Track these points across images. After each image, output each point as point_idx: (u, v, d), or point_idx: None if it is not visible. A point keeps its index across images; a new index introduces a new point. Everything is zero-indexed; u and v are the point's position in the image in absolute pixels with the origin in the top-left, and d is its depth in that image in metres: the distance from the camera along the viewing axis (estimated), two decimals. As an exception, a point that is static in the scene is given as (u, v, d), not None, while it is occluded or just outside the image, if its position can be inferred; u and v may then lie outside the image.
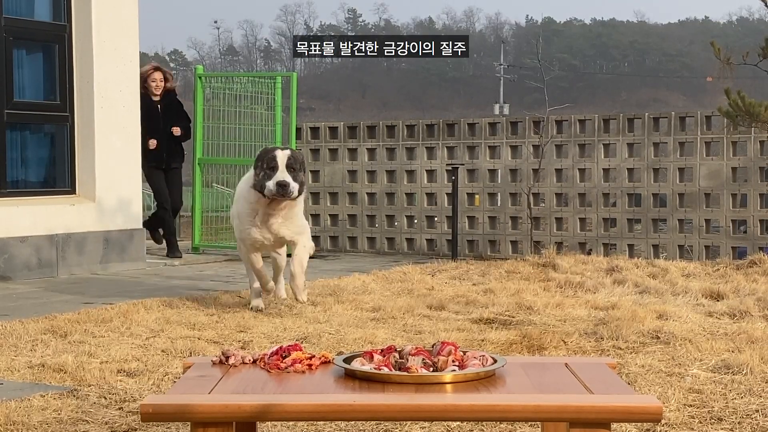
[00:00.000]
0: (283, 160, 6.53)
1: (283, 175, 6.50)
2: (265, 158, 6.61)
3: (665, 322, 6.71)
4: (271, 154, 6.59)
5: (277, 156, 6.55)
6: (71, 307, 7.49)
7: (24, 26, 10.36)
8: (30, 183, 10.65)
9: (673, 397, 4.58)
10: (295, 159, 6.60)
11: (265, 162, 6.57)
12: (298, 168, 6.58)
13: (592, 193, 12.74)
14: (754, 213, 11.90)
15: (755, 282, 8.79)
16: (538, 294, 8.21)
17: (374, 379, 2.83)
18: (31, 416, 4.22)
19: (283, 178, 6.49)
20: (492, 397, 2.71)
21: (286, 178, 6.49)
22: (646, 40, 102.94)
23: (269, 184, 6.51)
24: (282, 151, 6.64)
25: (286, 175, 6.51)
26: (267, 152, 6.68)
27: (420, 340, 6.12)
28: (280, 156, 6.55)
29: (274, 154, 6.58)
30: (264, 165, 6.58)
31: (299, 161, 6.63)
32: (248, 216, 6.83)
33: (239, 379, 2.91)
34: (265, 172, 6.55)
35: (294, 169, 6.55)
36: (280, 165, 6.51)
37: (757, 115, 9.94)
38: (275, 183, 6.48)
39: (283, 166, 6.51)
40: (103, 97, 10.59)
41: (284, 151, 6.64)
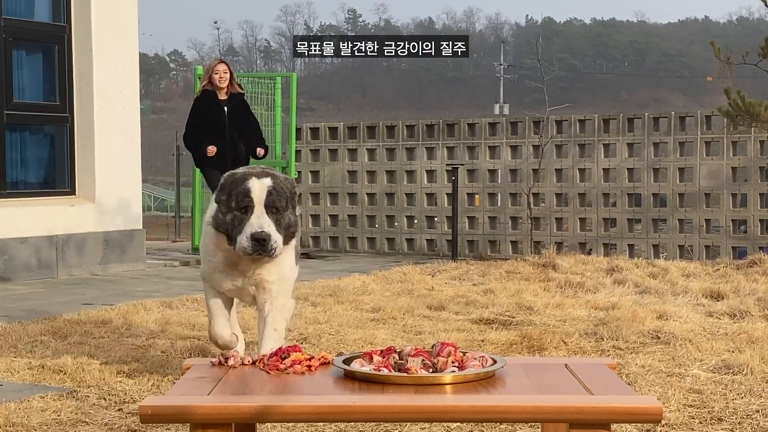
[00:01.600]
0: (261, 196, 4.30)
1: (261, 221, 4.29)
2: (233, 192, 4.36)
3: (665, 322, 6.71)
4: (242, 187, 4.33)
5: (252, 189, 4.31)
6: (71, 309, 7.49)
7: (23, 27, 10.35)
8: (30, 184, 10.65)
9: (674, 397, 4.57)
10: (279, 192, 4.34)
11: (234, 198, 4.34)
12: (283, 205, 4.38)
13: (592, 193, 12.74)
14: (754, 213, 11.90)
15: (755, 282, 8.78)
16: (538, 294, 8.20)
17: (374, 380, 2.82)
18: (30, 417, 4.21)
19: (260, 228, 4.27)
20: (492, 398, 2.70)
21: (265, 228, 4.27)
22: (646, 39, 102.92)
23: (240, 238, 4.29)
24: (259, 179, 4.34)
25: (266, 221, 4.30)
26: (236, 182, 4.38)
27: (420, 340, 6.11)
28: (255, 189, 4.31)
29: (247, 186, 4.32)
30: (232, 202, 4.35)
31: (286, 193, 4.40)
32: (213, 256, 4.67)
33: (239, 380, 2.90)
34: (234, 215, 4.34)
35: (277, 208, 4.34)
36: (257, 203, 4.30)
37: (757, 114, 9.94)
38: (249, 237, 4.27)
39: (260, 206, 4.31)
40: (103, 98, 10.59)
41: (262, 179, 4.34)
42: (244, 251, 4.34)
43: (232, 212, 4.37)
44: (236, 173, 4.51)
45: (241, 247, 4.32)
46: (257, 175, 4.41)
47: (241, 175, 4.46)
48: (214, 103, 9.72)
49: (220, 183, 4.48)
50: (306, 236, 14.13)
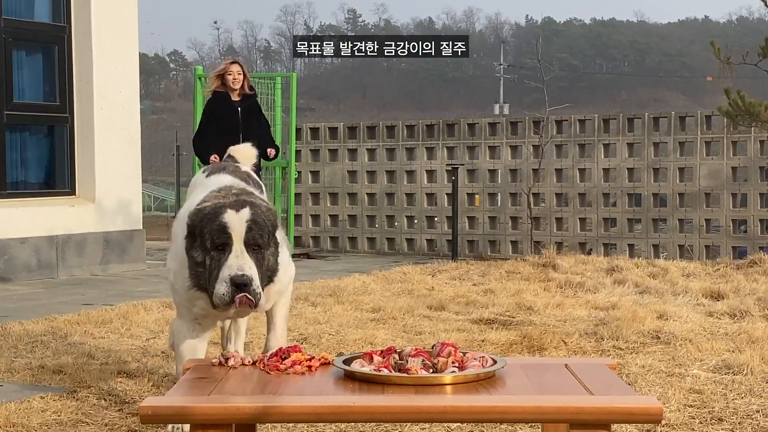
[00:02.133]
0: (240, 231, 3.62)
1: (242, 263, 3.58)
2: (205, 229, 3.66)
3: (665, 322, 6.71)
4: (216, 222, 3.64)
5: (229, 224, 3.63)
6: (71, 309, 7.48)
7: (23, 27, 10.35)
8: (30, 184, 10.65)
9: (674, 397, 4.57)
10: (260, 225, 3.68)
11: (208, 235, 3.64)
12: (265, 241, 3.69)
13: (592, 193, 12.73)
14: (754, 212, 11.89)
15: (755, 282, 8.78)
16: (538, 294, 8.20)
17: (374, 381, 2.82)
18: (30, 418, 4.21)
19: (240, 271, 3.56)
20: (492, 399, 2.71)
21: (246, 272, 3.55)
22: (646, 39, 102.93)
23: (218, 286, 3.56)
24: (236, 212, 3.67)
25: (247, 263, 3.59)
26: (207, 217, 3.68)
27: (420, 340, 6.11)
28: (234, 224, 3.63)
29: (223, 220, 3.64)
30: (206, 241, 3.65)
31: (267, 227, 3.72)
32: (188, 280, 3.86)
33: (239, 380, 2.91)
34: (210, 255, 3.64)
35: (259, 245, 3.66)
36: (235, 241, 3.61)
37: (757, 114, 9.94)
38: (228, 285, 3.54)
39: (239, 244, 3.61)
40: (103, 98, 10.59)
41: (240, 211, 3.67)
42: (221, 300, 3.54)
43: (206, 250, 3.64)
44: (205, 206, 3.72)
45: (218, 296, 3.54)
46: (233, 206, 3.68)
47: (213, 207, 3.69)
48: (228, 104, 9.46)
49: (188, 224, 3.72)
50: (306, 236, 14.14)
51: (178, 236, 4.01)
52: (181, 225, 3.93)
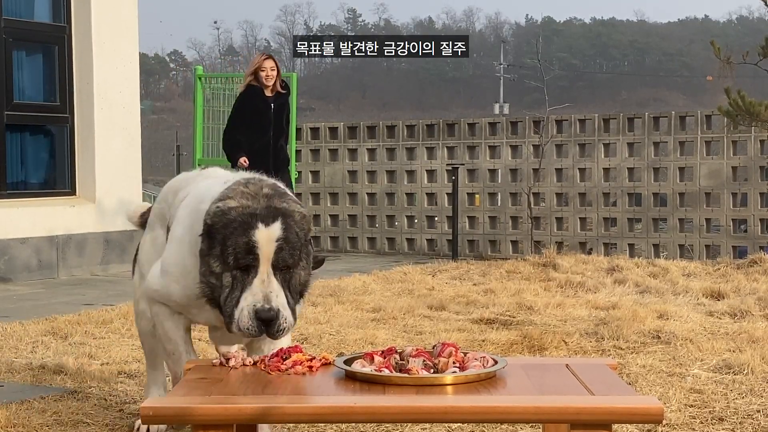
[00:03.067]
0: (269, 251, 3.13)
1: (268, 290, 3.12)
2: (229, 241, 3.15)
3: (666, 321, 6.71)
4: (243, 238, 3.13)
5: (258, 244, 3.12)
6: (71, 309, 7.48)
7: (24, 27, 10.35)
8: (30, 184, 10.65)
9: (674, 397, 4.57)
10: (292, 243, 3.19)
11: (232, 250, 3.15)
12: (297, 257, 3.21)
13: (592, 192, 12.73)
14: (754, 212, 11.89)
15: (756, 281, 8.78)
16: (538, 294, 8.20)
17: (375, 381, 2.82)
18: (31, 418, 4.21)
19: (267, 304, 3.11)
20: (493, 399, 2.71)
21: (273, 302, 3.11)
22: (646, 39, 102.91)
23: (239, 313, 3.11)
24: (267, 226, 3.15)
25: (274, 290, 3.13)
26: (232, 226, 3.16)
27: (421, 340, 6.11)
28: (262, 242, 3.13)
29: (252, 238, 3.13)
30: (229, 257, 3.15)
31: (300, 241, 3.24)
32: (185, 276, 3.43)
33: (240, 381, 2.90)
34: (232, 273, 3.16)
35: (288, 266, 3.18)
36: (262, 263, 3.13)
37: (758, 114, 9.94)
38: (253, 319, 3.10)
39: (267, 266, 3.13)
40: (103, 99, 10.59)
41: (271, 225, 3.15)
42: (245, 332, 3.12)
43: (227, 268, 3.14)
44: (231, 208, 3.16)
45: (241, 326, 3.10)
46: (264, 218, 3.12)
47: (240, 215, 3.14)
48: (261, 99, 9.16)
49: (207, 223, 3.19)
50: (306, 236, 14.13)
51: (178, 230, 3.51)
52: (191, 218, 3.40)
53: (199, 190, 3.56)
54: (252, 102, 9.14)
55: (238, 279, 3.13)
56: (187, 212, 3.51)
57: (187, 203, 3.57)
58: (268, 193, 3.25)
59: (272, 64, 9.26)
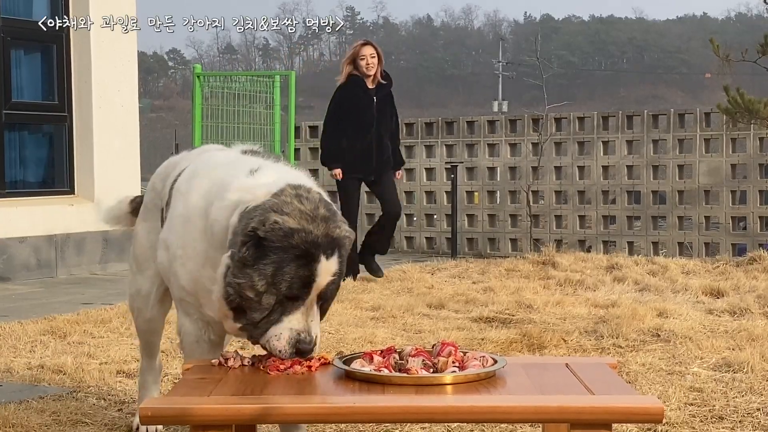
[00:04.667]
0: (320, 285, 3.01)
1: (311, 323, 3.03)
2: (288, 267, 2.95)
3: (665, 320, 6.70)
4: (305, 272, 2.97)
5: (317, 278, 2.99)
6: (70, 308, 7.48)
7: (22, 26, 10.34)
8: (29, 184, 10.64)
9: (674, 395, 4.56)
10: (341, 274, 3.09)
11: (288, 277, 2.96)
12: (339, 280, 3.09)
13: (591, 190, 12.73)
14: (753, 210, 11.89)
15: (755, 279, 8.78)
16: (537, 292, 8.19)
17: (374, 381, 2.82)
18: (30, 418, 4.20)
19: (309, 335, 3.02)
20: (493, 399, 2.70)
21: (312, 333, 3.03)
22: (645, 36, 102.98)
23: (274, 340, 2.99)
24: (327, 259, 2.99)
25: (315, 321, 3.06)
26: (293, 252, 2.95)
27: (420, 339, 6.11)
28: (321, 276, 2.99)
29: (312, 274, 2.97)
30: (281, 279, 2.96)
31: (345, 265, 3.13)
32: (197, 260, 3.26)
33: (238, 381, 2.90)
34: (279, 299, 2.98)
35: (332, 296, 3.13)
36: (312, 293, 3.01)
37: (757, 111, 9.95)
38: (290, 342, 3.00)
39: (314, 298, 3.03)
40: (102, 97, 10.58)
41: (330, 259, 3.00)
42: (275, 353, 3.00)
43: (271, 290, 2.95)
44: (292, 232, 2.93)
45: (272, 348, 3.00)
46: (324, 251, 2.97)
47: (304, 243, 2.95)
48: (363, 91, 8.28)
49: (258, 234, 2.94)
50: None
51: (180, 208, 3.33)
52: (205, 200, 3.22)
53: (216, 173, 3.31)
54: (353, 96, 8.25)
55: (282, 303, 2.99)
56: (199, 193, 3.29)
57: (198, 182, 3.34)
58: (325, 215, 3.03)
59: (372, 51, 8.34)
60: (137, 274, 3.96)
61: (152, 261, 3.80)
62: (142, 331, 4.09)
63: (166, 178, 3.77)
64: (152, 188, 3.92)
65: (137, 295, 3.98)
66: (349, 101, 8.30)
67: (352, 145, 8.46)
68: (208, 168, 3.40)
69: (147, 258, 3.88)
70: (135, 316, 4.08)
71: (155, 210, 3.87)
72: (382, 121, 8.43)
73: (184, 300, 3.36)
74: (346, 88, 8.31)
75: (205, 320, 3.33)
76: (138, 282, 3.96)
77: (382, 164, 8.68)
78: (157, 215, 3.84)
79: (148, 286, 3.92)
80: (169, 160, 3.95)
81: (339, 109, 8.40)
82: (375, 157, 8.51)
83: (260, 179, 3.14)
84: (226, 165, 3.36)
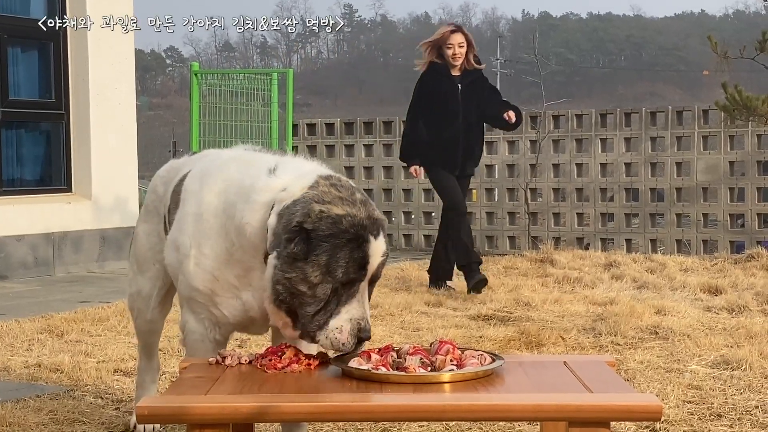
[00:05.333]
0: (372, 268, 3.02)
1: (365, 310, 3.02)
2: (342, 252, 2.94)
3: (663, 317, 6.70)
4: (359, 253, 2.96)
5: (370, 259, 2.99)
6: (68, 306, 7.47)
7: (19, 24, 10.32)
8: (26, 182, 10.63)
9: (672, 393, 4.56)
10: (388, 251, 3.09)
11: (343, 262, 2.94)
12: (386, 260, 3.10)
13: (589, 187, 12.72)
14: (751, 207, 11.89)
15: (753, 276, 8.78)
16: (536, 290, 8.19)
17: (372, 379, 2.81)
18: (27, 417, 4.20)
19: (368, 324, 3.00)
20: (491, 397, 2.69)
21: (369, 323, 3.02)
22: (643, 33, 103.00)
23: (335, 332, 2.95)
24: (375, 239, 3.00)
25: (368, 308, 3.05)
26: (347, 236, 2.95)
27: (418, 337, 6.10)
28: (373, 258, 3.00)
29: (366, 255, 2.97)
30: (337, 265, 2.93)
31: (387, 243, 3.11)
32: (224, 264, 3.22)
33: (236, 379, 2.89)
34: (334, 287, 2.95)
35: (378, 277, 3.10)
36: (366, 279, 3.02)
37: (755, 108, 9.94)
38: (353, 333, 2.97)
39: (366, 283, 3.03)
40: (99, 95, 10.56)
41: (378, 239, 3.01)
42: (338, 346, 2.96)
43: (327, 279, 2.92)
44: (340, 218, 2.94)
45: (331, 340, 2.96)
46: (372, 228, 3.00)
47: (353, 226, 2.95)
48: (446, 79, 7.68)
49: (304, 227, 2.92)
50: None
51: (192, 208, 3.26)
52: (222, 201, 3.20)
53: (229, 172, 3.27)
54: (434, 83, 7.62)
55: (338, 292, 2.96)
56: (212, 192, 3.25)
57: (210, 181, 3.28)
58: (362, 199, 3.06)
59: (461, 39, 7.60)
60: (138, 274, 3.93)
61: (153, 262, 3.82)
62: (142, 331, 4.07)
63: (167, 182, 3.75)
64: (153, 191, 3.89)
65: (138, 296, 3.95)
66: (431, 90, 7.66)
67: (435, 137, 7.75)
68: (218, 166, 3.36)
69: (147, 259, 3.86)
70: (135, 316, 4.05)
71: (156, 213, 3.86)
72: (468, 112, 7.72)
73: (193, 299, 3.32)
74: (428, 75, 7.69)
75: (214, 320, 3.30)
76: (138, 283, 3.93)
77: (468, 159, 8.00)
78: (157, 218, 3.83)
79: (149, 287, 3.89)
80: (171, 164, 3.92)
81: (420, 99, 7.78)
82: (460, 150, 7.80)
83: (286, 176, 3.13)
84: (238, 163, 3.34)
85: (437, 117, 7.68)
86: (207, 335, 3.32)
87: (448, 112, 7.68)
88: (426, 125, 7.73)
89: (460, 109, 7.71)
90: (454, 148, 7.79)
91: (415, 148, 7.77)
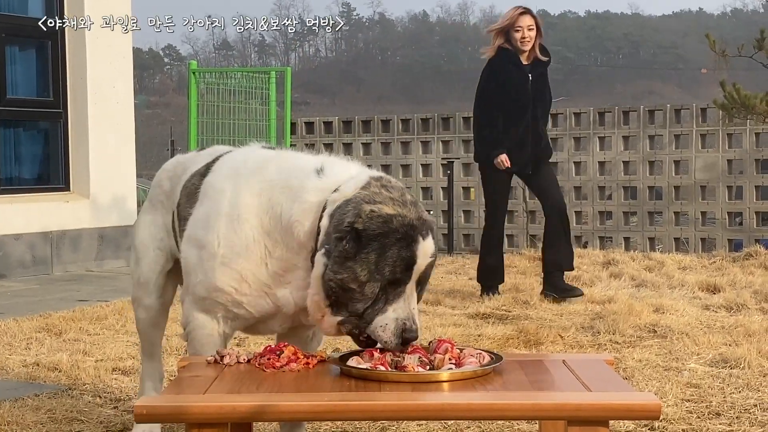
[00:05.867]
0: (420, 269, 3.01)
1: (412, 310, 3.03)
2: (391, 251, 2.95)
3: (662, 315, 6.70)
4: (408, 253, 2.96)
5: (419, 260, 2.99)
6: (66, 305, 7.46)
7: (17, 23, 10.31)
8: (24, 180, 10.62)
9: (671, 392, 4.55)
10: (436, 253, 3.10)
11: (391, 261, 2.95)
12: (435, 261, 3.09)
13: (587, 186, 12.72)
14: (749, 205, 11.89)
15: (751, 274, 8.78)
16: (534, 288, 8.18)
17: (370, 378, 2.80)
18: (25, 416, 4.19)
19: (414, 324, 3.01)
20: (490, 396, 2.69)
21: (417, 323, 3.03)
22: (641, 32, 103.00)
23: (380, 330, 2.98)
24: (425, 240, 3.00)
25: (416, 309, 3.06)
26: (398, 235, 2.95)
27: (416, 335, 6.09)
28: (421, 259, 3.00)
29: (414, 255, 2.97)
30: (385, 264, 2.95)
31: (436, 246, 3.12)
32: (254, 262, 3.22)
33: (234, 378, 2.88)
34: (382, 286, 2.97)
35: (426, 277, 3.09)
36: (412, 279, 3.02)
37: (753, 106, 9.94)
38: (397, 332, 2.98)
39: (413, 284, 3.03)
40: (97, 94, 10.55)
41: (427, 240, 3.01)
42: (383, 344, 2.99)
43: (374, 277, 2.95)
44: (391, 217, 2.96)
45: (378, 338, 3.00)
46: (421, 229, 3.00)
47: (403, 226, 2.97)
48: (516, 67, 7.14)
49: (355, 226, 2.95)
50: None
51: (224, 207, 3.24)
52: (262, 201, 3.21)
53: (269, 173, 3.27)
54: (503, 71, 7.10)
55: (385, 292, 2.99)
56: (250, 192, 3.24)
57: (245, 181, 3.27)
58: (412, 200, 3.08)
59: (530, 22, 7.09)
60: (136, 264, 3.92)
61: (151, 249, 3.85)
62: (142, 321, 3.98)
63: (175, 178, 3.75)
64: (159, 185, 3.89)
65: (137, 284, 3.93)
66: (499, 78, 7.13)
67: (505, 130, 7.26)
68: (252, 168, 3.33)
69: (146, 246, 3.87)
70: (135, 306, 4.00)
71: (160, 206, 3.86)
72: (538, 103, 7.25)
73: (210, 299, 3.30)
74: (495, 64, 7.15)
75: (231, 316, 3.31)
76: (137, 272, 3.92)
77: (540, 153, 7.49)
78: (162, 211, 3.83)
79: (147, 272, 3.88)
80: (178, 159, 3.92)
81: (488, 87, 7.25)
82: (531, 144, 7.33)
83: (335, 176, 3.18)
84: (278, 163, 3.33)
85: (506, 108, 7.20)
86: (217, 330, 3.34)
87: (517, 103, 7.20)
88: (498, 112, 7.23)
89: (530, 102, 7.24)
90: (525, 143, 7.31)
91: (492, 141, 7.23)
